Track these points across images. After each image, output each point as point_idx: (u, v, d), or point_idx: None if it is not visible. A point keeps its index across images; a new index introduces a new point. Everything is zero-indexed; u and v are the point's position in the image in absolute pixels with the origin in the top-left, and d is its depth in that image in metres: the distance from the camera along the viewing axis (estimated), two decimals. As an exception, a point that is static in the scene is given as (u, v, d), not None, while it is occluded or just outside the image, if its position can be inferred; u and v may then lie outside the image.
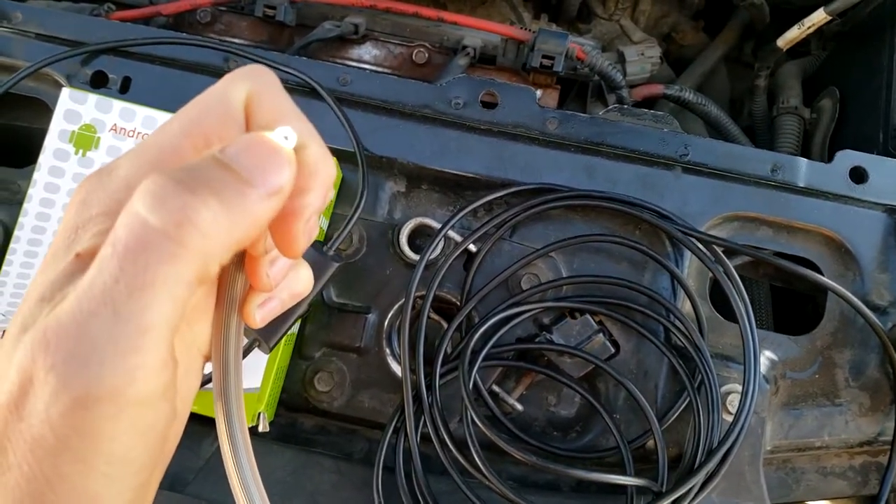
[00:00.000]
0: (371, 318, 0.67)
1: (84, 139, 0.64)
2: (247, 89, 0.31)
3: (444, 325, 0.67)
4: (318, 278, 0.51)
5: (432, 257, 0.65)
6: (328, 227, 0.68)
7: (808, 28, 0.86)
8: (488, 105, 0.70)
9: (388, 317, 0.66)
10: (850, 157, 0.69)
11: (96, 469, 0.27)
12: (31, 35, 0.73)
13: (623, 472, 0.59)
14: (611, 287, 0.66)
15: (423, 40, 0.86)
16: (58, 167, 0.63)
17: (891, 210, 0.68)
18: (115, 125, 0.64)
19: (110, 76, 0.71)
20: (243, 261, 0.33)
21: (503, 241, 0.68)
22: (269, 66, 0.66)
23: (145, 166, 0.30)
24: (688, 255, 0.67)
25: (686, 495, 0.57)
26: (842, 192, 0.68)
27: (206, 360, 0.35)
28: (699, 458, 0.58)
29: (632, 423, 0.65)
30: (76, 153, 0.64)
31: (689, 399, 0.62)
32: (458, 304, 0.66)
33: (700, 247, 0.64)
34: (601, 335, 0.64)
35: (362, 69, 0.81)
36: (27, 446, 0.26)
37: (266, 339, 0.47)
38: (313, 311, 0.67)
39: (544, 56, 0.78)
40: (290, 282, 0.35)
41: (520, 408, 0.65)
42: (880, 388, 0.66)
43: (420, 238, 0.69)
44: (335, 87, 0.70)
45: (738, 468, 0.60)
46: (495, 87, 0.71)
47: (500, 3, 0.98)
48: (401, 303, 0.66)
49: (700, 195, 0.68)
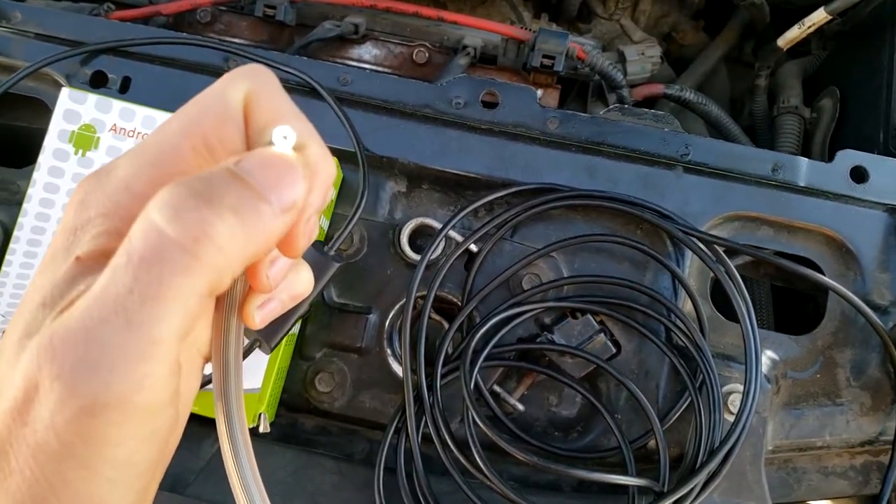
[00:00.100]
0: (372, 318, 0.67)
1: (84, 139, 0.64)
2: (245, 89, 0.30)
3: (446, 326, 0.67)
4: (319, 278, 0.51)
5: (433, 257, 0.65)
6: (329, 228, 0.68)
7: (809, 28, 0.86)
8: (489, 105, 0.70)
9: (389, 317, 0.66)
10: (850, 157, 0.69)
11: (100, 474, 0.27)
12: (31, 35, 0.73)
13: (624, 473, 0.59)
14: (612, 287, 0.66)
15: (424, 40, 0.86)
16: (57, 167, 0.63)
17: (891, 209, 0.68)
18: (114, 125, 0.64)
19: (110, 76, 0.71)
20: None
21: (504, 241, 0.67)
22: (269, 65, 0.66)
23: (144, 167, 0.30)
24: (689, 254, 0.67)
25: (688, 495, 0.57)
26: (842, 192, 0.68)
27: (205, 361, 0.34)
28: (701, 458, 0.58)
29: (633, 423, 0.65)
30: (76, 153, 0.64)
31: (690, 399, 0.62)
32: (460, 304, 0.66)
33: (701, 246, 0.64)
34: (602, 335, 0.64)
35: (362, 69, 0.81)
36: (30, 451, 0.26)
37: (267, 340, 0.46)
38: (314, 311, 0.67)
39: (545, 56, 0.78)
40: (290, 283, 0.34)
41: (521, 408, 0.65)
42: (881, 388, 0.66)
43: (421, 238, 0.69)
44: (335, 86, 0.70)
45: (739, 468, 0.60)
46: (496, 86, 0.70)
47: (501, 2, 0.98)
48: (402, 303, 0.66)
49: (701, 195, 0.68)
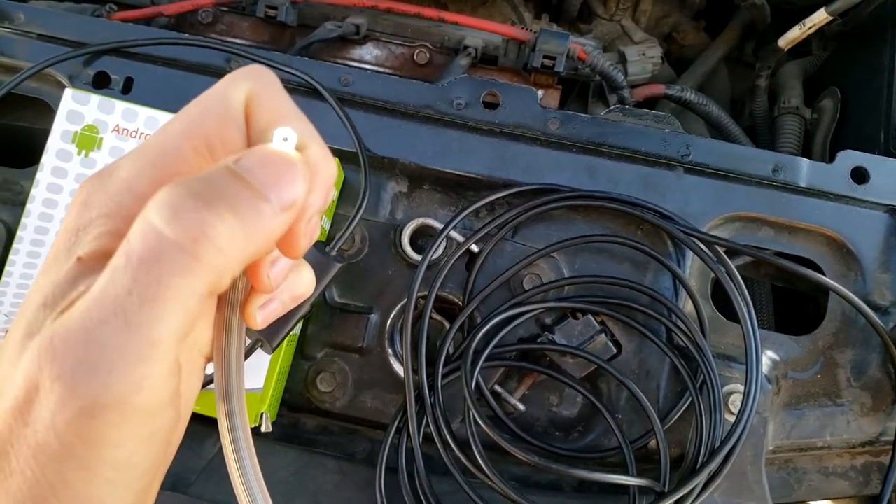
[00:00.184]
0: (373, 318, 0.67)
1: (87, 140, 0.64)
2: (246, 90, 0.30)
3: (447, 326, 0.67)
4: (321, 279, 0.51)
5: (434, 258, 0.65)
6: (330, 228, 0.68)
7: (810, 28, 0.86)
8: (490, 105, 0.70)
9: (391, 317, 0.67)
10: (851, 158, 0.69)
11: (100, 475, 0.27)
12: (34, 36, 0.73)
13: (625, 473, 0.59)
14: (613, 287, 0.66)
15: (425, 41, 0.86)
16: (60, 167, 0.64)
17: (892, 210, 0.68)
18: (117, 126, 0.64)
19: (112, 77, 0.71)
20: None
21: (505, 241, 0.68)
22: (270, 66, 0.66)
23: (146, 167, 0.30)
24: (689, 255, 0.67)
25: (688, 495, 0.57)
26: (843, 193, 0.68)
27: (207, 361, 0.34)
28: (701, 459, 0.58)
29: (634, 423, 0.65)
30: (79, 154, 0.64)
31: (691, 399, 0.62)
32: (461, 304, 0.66)
33: (702, 247, 0.64)
34: (603, 335, 0.64)
35: (364, 69, 0.81)
36: (30, 452, 0.26)
37: (269, 340, 0.47)
38: (316, 311, 0.67)
39: (545, 56, 0.78)
40: (291, 283, 0.34)
41: (522, 408, 0.65)
42: (882, 388, 0.66)
43: (422, 238, 0.69)
44: (337, 87, 0.70)
45: (740, 468, 0.60)
46: (497, 87, 0.71)
47: (501, 3, 0.98)
48: (403, 303, 0.66)
49: (702, 195, 0.68)
